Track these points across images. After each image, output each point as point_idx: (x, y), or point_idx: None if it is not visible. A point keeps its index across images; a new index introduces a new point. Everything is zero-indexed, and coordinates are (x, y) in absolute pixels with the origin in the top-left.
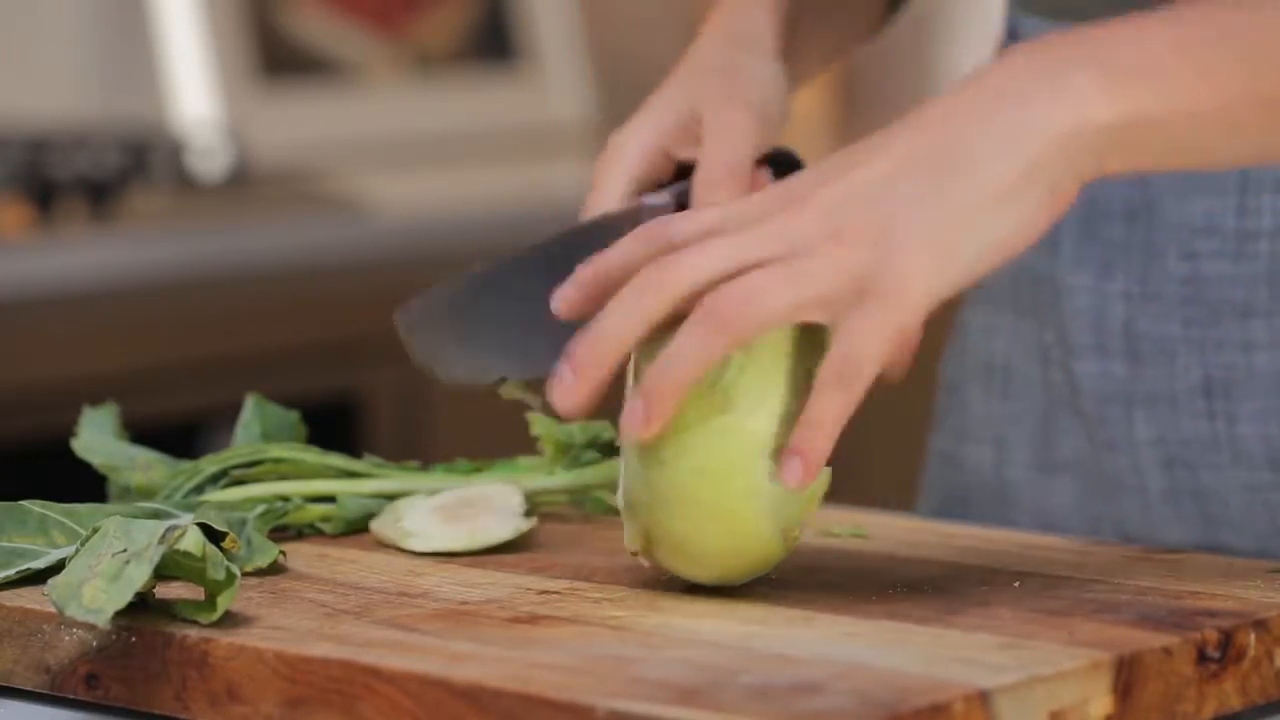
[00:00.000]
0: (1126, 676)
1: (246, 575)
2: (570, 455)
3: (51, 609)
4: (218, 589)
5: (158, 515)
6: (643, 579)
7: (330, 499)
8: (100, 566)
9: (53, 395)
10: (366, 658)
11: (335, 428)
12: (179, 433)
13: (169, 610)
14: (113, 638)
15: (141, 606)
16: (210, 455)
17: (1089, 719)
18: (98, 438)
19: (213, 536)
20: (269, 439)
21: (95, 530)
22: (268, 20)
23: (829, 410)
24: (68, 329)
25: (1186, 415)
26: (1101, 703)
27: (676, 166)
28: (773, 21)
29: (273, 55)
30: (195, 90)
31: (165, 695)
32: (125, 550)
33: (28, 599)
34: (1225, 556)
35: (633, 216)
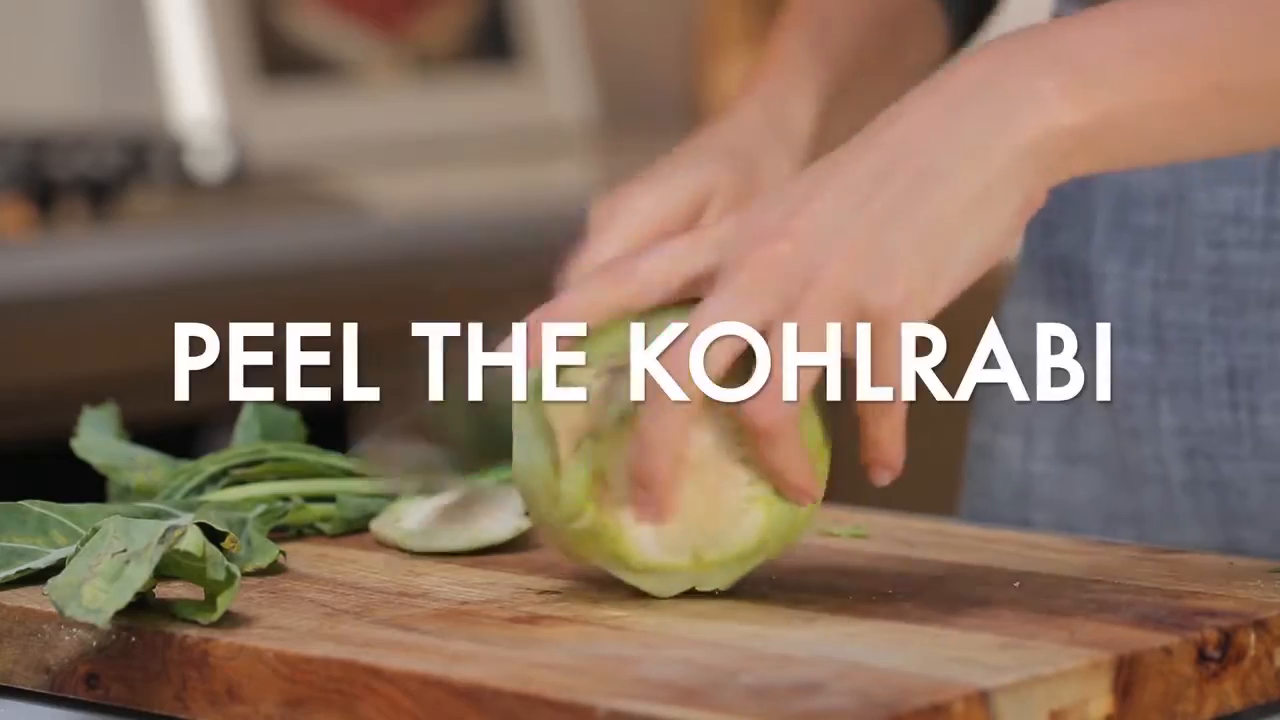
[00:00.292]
0: (1126, 676)
1: (246, 575)
2: None
3: (51, 609)
4: (218, 589)
5: (158, 515)
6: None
7: (330, 499)
8: (100, 566)
9: (53, 395)
10: (366, 658)
11: (335, 428)
12: (179, 433)
13: (169, 610)
14: (113, 638)
15: (141, 606)
16: (210, 455)
17: (1089, 719)
18: (98, 438)
19: (213, 536)
20: (269, 439)
21: (95, 530)
22: (268, 20)
23: (884, 430)
24: (68, 329)
25: (1210, 405)
26: (1101, 703)
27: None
28: (811, 111)
29: (273, 55)
30: (195, 90)
31: (165, 695)
32: (125, 550)
33: (28, 599)
34: (1228, 556)
35: None
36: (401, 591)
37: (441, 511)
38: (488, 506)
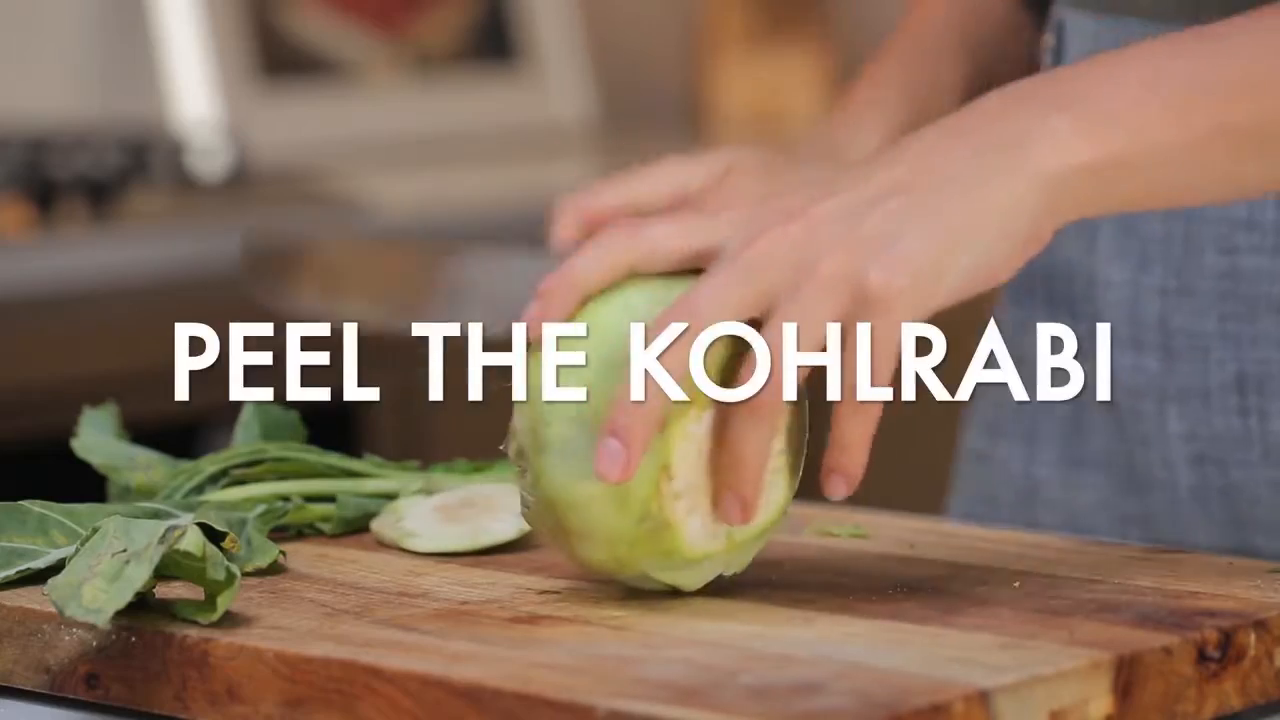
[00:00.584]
0: (1126, 676)
1: (246, 575)
2: None
3: (51, 609)
4: (218, 589)
5: (158, 515)
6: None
7: (330, 499)
8: (100, 566)
9: (53, 395)
10: (366, 658)
11: (335, 428)
12: (179, 433)
13: (169, 610)
14: (113, 638)
15: (141, 606)
16: (210, 455)
17: (1089, 719)
18: (98, 438)
19: (213, 536)
20: (269, 439)
21: (95, 530)
22: (268, 20)
23: (857, 432)
24: (68, 329)
25: (1219, 411)
26: (1101, 703)
27: None
28: (873, 144)
29: (273, 55)
30: (195, 90)
31: (165, 695)
32: (125, 550)
33: (28, 599)
34: (1228, 557)
35: None
36: (401, 591)
37: (441, 511)
38: (488, 506)
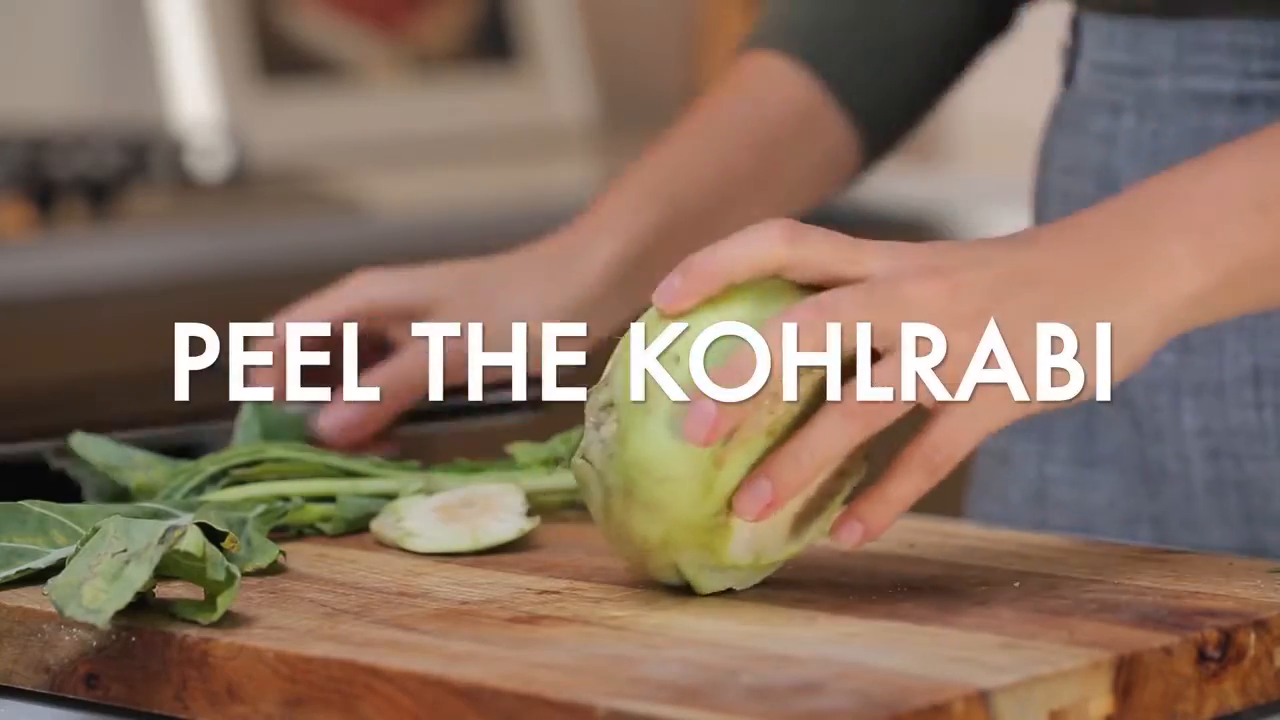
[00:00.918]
0: (1126, 676)
1: (246, 575)
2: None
3: (51, 609)
4: (218, 589)
5: (158, 515)
6: (643, 579)
7: (330, 499)
8: (100, 566)
9: (53, 395)
10: (366, 657)
11: None
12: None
13: (169, 610)
14: (113, 638)
15: (141, 606)
16: (210, 455)
17: (1089, 719)
18: (96, 439)
19: (213, 536)
20: (269, 439)
21: (95, 530)
22: (268, 20)
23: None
24: (68, 329)
25: (1234, 405)
26: (1101, 702)
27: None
28: (608, 252)
29: (273, 55)
30: (195, 90)
31: (165, 695)
32: (125, 550)
33: (28, 599)
34: (1227, 556)
35: None
36: (401, 591)
37: (441, 511)
38: (488, 506)
